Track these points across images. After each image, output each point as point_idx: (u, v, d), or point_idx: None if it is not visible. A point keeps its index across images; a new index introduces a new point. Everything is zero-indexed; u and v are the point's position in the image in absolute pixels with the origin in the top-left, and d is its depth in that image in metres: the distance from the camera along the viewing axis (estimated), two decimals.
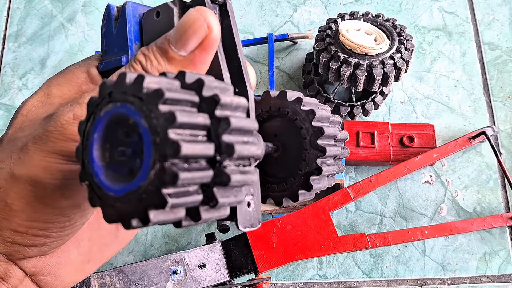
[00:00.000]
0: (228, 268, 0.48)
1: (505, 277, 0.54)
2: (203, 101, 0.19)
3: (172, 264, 0.46)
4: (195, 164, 0.18)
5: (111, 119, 0.18)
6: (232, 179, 0.18)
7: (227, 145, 0.18)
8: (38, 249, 0.25)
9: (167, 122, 0.17)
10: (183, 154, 0.16)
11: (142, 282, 0.44)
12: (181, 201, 0.17)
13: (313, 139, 0.24)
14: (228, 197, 0.19)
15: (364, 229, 0.56)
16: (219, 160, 0.18)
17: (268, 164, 0.26)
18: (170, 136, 0.17)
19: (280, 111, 0.25)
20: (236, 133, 0.19)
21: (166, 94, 0.17)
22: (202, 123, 0.18)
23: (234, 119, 0.18)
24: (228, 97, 0.19)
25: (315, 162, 0.24)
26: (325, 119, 0.25)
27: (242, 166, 0.19)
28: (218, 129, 0.18)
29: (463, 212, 0.56)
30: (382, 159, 0.56)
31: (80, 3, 0.69)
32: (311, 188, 0.24)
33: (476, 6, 0.67)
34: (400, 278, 0.54)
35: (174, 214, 0.18)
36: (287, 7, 0.68)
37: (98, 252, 0.29)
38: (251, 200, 0.23)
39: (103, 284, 0.43)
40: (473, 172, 0.58)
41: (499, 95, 0.62)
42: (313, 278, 0.54)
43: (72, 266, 0.27)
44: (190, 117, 0.17)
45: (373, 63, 0.50)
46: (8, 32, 0.68)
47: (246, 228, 0.22)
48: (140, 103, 0.17)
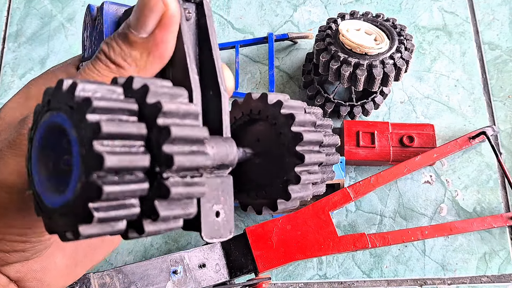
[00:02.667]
0: (228, 268, 0.48)
1: (505, 277, 0.54)
2: (146, 109, 0.17)
3: (172, 264, 0.46)
4: (130, 176, 0.17)
5: (48, 128, 0.18)
6: (172, 191, 0.17)
7: (166, 156, 0.17)
8: (19, 255, 0.24)
9: (92, 133, 0.16)
10: (107, 167, 0.16)
11: (142, 282, 0.44)
12: (111, 215, 0.16)
13: (291, 145, 0.22)
14: (173, 209, 0.18)
15: (364, 229, 0.56)
16: (159, 171, 0.17)
17: (250, 171, 0.24)
18: (94, 147, 0.16)
19: (260, 115, 0.24)
20: (179, 142, 0.17)
21: (94, 103, 0.16)
22: (135, 133, 0.17)
23: (176, 128, 0.17)
24: (173, 105, 0.17)
25: (294, 171, 0.22)
26: (308, 124, 0.23)
27: (190, 177, 0.18)
28: (159, 139, 0.17)
29: (463, 212, 0.56)
30: (382, 159, 0.56)
31: (80, 3, 0.69)
32: (289, 198, 0.22)
33: (476, 6, 0.67)
34: (400, 278, 0.54)
35: (111, 227, 0.17)
36: (287, 7, 0.68)
37: (85, 256, 0.28)
38: (220, 210, 0.21)
39: (103, 284, 0.43)
40: (473, 172, 0.58)
41: (499, 95, 0.62)
42: (313, 278, 0.54)
43: (58, 271, 0.27)
44: (120, 127, 0.16)
45: (373, 63, 0.50)
46: (8, 32, 0.68)
47: (213, 239, 0.21)
48: (71, 112, 0.17)
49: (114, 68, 0.22)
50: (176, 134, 0.17)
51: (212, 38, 0.23)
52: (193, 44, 0.24)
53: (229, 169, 0.22)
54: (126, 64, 0.22)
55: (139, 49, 0.22)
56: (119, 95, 0.17)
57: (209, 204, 0.21)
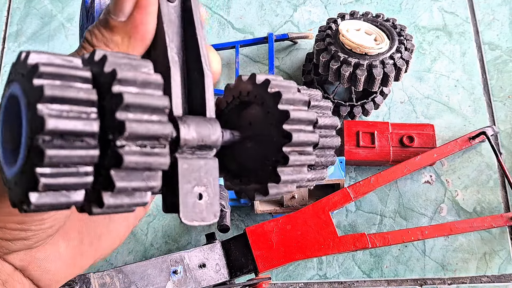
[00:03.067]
0: (228, 268, 0.48)
1: (505, 277, 0.54)
2: (102, 77, 0.17)
3: (172, 264, 0.46)
4: (80, 142, 0.16)
5: (8, 99, 0.18)
6: (126, 160, 0.17)
7: (118, 122, 0.16)
8: (21, 243, 0.24)
9: (36, 96, 0.16)
10: (48, 129, 0.15)
11: (142, 282, 0.44)
12: (60, 182, 0.16)
13: (278, 124, 0.21)
14: (132, 181, 0.17)
15: (364, 229, 0.56)
16: (112, 139, 0.17)
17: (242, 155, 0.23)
18: (38, 110, 0.16)
19: (249, 96, 0.23)
20: (136, 110, 0.17)
21: (40, 68, 0.16)
22: (84, 98, 0.17)
23: (130, 95, 0.17)
24: (130, 73, 0.17)
25: (282, 151, 0.21)
26: (299, 102, 0.22)
27: (150, 147, 0.18)
28: (112, 106, 0.17)
29: (463, 212, 0.56)
30: (382, 159, 0.56)
31: (80, 3, 0.69)
32: (279, 180, 0.21)
33: (476, 6, 0.67)
34: (400, 278, 0.54)
35: (66, 197, 0.17)
36: (287, 7, 0.68)
37: (90, 245, 0.28)
38: (203, 192, 0.21)
39: (103, 284, 0.43)
40: (473, 172, 0.58)
41: (499, 95, 0.62)
42: (313, 278, 0.54)
43: (63, 261, 0.27)
44: (65, 91, 0.16)
45: (373, 63, 0.50)
46: (8, 32, 0.68)
47: (194, 222, 0.20)
48: (23, 80, 0.17)
49: None
50: (130, 101, 0.17)
51: (196, 19, 0.23)
52: (177, 26, 0.23)
53: (212, 150, 0.21)
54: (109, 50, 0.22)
55: (120, 33, 0.22)
56: (75, 64, 0.17)
57: (189, 185, 0.20)
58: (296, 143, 0.21)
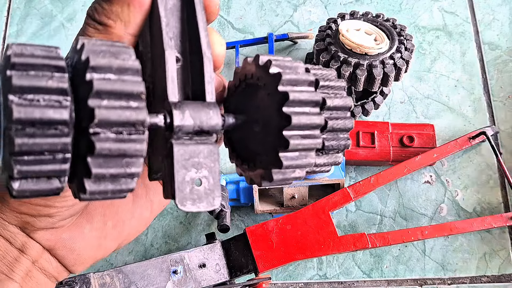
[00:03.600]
0: (228, 268, 0.48)
1: (505, 277, 0.54)
2: (78, 65, 0.17)
3: (172, 264, 0.46)
4: (54, 130, 0.16)
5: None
6: (98, 146, 0.17)
7: (89, 110, 0.16)
8: (46, 220, 0.25)
9: (6, 87, 0.16)
10: (15, 118, 0.16)
11: (142, 282, 0.44)
12: (34, 169, 0.16)
13: (278, 106, 0.20)
14: (110, 168, 0.17)
15: (364, 229, 0.56)
16: (85, 126, 0.17)
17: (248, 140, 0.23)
18: (8, 100, 0.16)
19: (253, 79, 0.22)
20: (108, 97, 0.17)
21: (12, 59, 0.16)
22: (54, 87, 0.17)
23: (100, 81, 0.17)
24: (103, 60, 0.17)
25: (282, 134, 0.20)
26: (303, 83, 0.20)
27: (126, 134, 0.17)
28: (85, 94, 0.17)
29: (463, 212, 0.56)
30: (382, 159, 0.56)
31: (80, 3, 0.69)
32: (281, 165, 0.20)
33: (476, 6, 0.67)
34: (400, 278, 0.54)
35: (48, 185, 0.17)
36: (287, 7, 0.68)
37: (114, 228, 0.29)
38: (202, 178, 0.20)
39: (103, 284, 0.43)
40: (473, 172, 0.58)
41: (499, 95, 0.62)
42: (313, 278, 0.54)
43: (87, 241, 0.28)
44: (33, 81, 0.16)
45: (373, 63, 0.50)
46: (8, 32, 0.68)
47: (191, 208, 0.20)
48: (1, 71, 0.17)
49: (102, 28, 0.22)
50: (101, 88, 0.17)
51: (196, 1, 0.23)
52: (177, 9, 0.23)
53: (212, 135, 0.21)
54: (111, 22, 0.22)
55: (118, 3, 0.22)
56: (54, 54, 0.17)
57: (185, 171, 0.20)
58: (297, 126, 0.20)
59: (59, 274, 0.28)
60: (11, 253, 0.25)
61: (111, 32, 0.22)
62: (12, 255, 0.25)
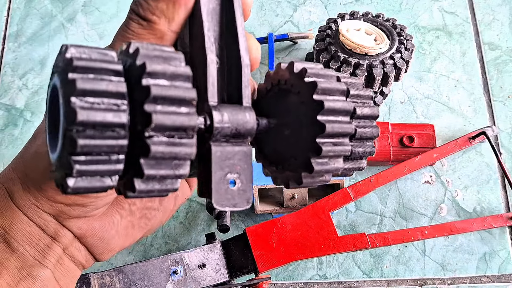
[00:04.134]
0: (228, 268, 0.48)
1: (505, 277, 0.54)
2: (134, 70, 0.18)
3: (172, 264, 0.46)
4: (111, 132, 0.17)
5: (52, 90, 0.19)
6: (153, 149, 0.17)
7: (146, 114, 0.17)
8: (80, 209, 0.26)
9: (70, 89, 0.17)
10: (79, 120, 0.16)
11: (142, 282, 0.44)
12: (92, 169, 0.17)
13: (313, 114, 0.21)
14: (161, 169, 0.18)
15: (364, 229, 0.56)
16: (140, 130, 0.18)
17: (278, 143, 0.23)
18: (71, 103, 0.17)
19: (287, 85, 0.23)
20: (163, 102, 0.18)
21: (74, 62, 0.17)
22: (114, 90, 0.17)
23: (157, 87, 0.17)
24: (159, 66, 0.18)
25: (315, 141, 0.21)
26: (336, 92, 0.22)
27: (177, 138, 0.18)
28: (141, 98, 0.18)
29: (463, 212, 0.56)
30: (382, 159, 0.56)
31: (80, 3, 0.69)
32: (312, 170, 0.21)
33: (476, 6, 0.67)
34: (400, 278, 0.54)
35: (101, 183, 0.18)
36: (287, 7, 0.68)
37: (141, 218, 0.30)
38: (236, 179, 0.21)
39: (103, 284, 0.43)
40: (473, 172, 0.58)
41: (499, 95, 0.62)
42: (313, 278, 0.54)
43: (117, 230, 0.28)
44: (96, 84, 0.17)
45: (373, 63, 0.50)
46: (8, 32, 0.68)
47: (226, 207, 0.21)
48: (60, 72, 0.18)
49: (145, 24, 0.23)
50: (157, 93, 0.17)
51: (236, 5, 0.24)
52: (217, 14, 0.24)
53: (247, 138, 0.22)
54: (156, 18, 0.23)
55: (164, 0, 0.23)
56: (110, 57, 0.18)
57: (222, 172, 0.21)
58: (330, 134, 0.21)
59: (87, 262, 0.28)
60: (43, 240, 0.26)
61: (154, 28, 0.23)
62: (44, 242, 0.26)
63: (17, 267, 0.25)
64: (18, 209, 0.26)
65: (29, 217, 0.26)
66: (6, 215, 0.26)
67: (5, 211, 0.26)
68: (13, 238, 0.25)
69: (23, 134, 0.62)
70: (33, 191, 0.26)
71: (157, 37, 0.23)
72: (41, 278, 0.26)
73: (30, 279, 0.25)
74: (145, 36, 0.23)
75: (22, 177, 0.26)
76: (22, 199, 0.26)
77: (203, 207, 0.57)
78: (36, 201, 0.25)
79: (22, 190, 0.26)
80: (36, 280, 0.26)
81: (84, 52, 0.18)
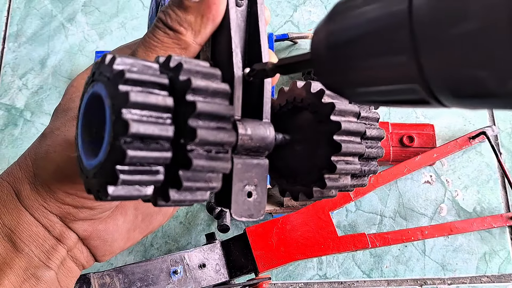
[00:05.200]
0: (228, 268, 0.48)
1: (505, 277, 0.54)
2: (178, 85, 0.19)
3: (172, 264, 0.46)
4: (156, 145, 0.18)
5: (91, 97, 0.20)
6: (194, 163, 0.18)
7: (190, 129, 0.18)
8: (87, 212, 0.26)
9: (122, 101, 0.17)
10: (131, 133, 0.17)
11: (142, 282, 0.44)
12: (136, 179, 0.18)
13: (329, 134, 0.22)
14: (197, 181, 0.19)
15: (364, 229, 0.56)
16: (183, 143, 0.18)
17: (290, 157, 0.25)
18: (123, 114, 0.17)
19: (303, 103, 0.24)
20: (205, 118, 0.18)
21: (126, 75, 0.17)
22: (162, 104, 0.18)
23: (202, 104, 0.18)
24: (202, 82, 0.19)
25: (330, 159, 0.22)
26: (350, 114, 0.23)
27: (215, 152, 0.19)
28: (186, 113, 0.18)
29: (463, 212, 0.56)
30: (382, 159, 0.56)
31: (80, 3, 0.69)
32: (324, 186, 0.23)
33: None
34: (400, 278, 0.54)
35: (138, 191, 0.18)
36: (287, 7, 0.68)
37: (143, 221, 0.30)
38: (253, 191, 0.22)
39: (103, 284, 0.43)
40: (473, 172, 0.58)
41: None
42: (313, 278, 0.54)
43: (120, 233, 0.29)
44: (148, 98, 0.18)
45: None
46: (8, 32, 0.68)
47: (243, 218, 0.22)
48: (108, 83, 0.18)
49: (172, 34, 0.24)
50: (202, 109, 0.18)
51: (261, 24, 0.24)
52: (243, 30, 0.24)
53: (265, 152, 0.23)
54: (183, 29, 0.23)
55: (193, 13, 0.23)
56: (154, 70, 0.19)
57: (241, 184, 0.22)
58: (344, 153, 0.22)
59: (88, 262, 0.29)
60: (49, 241, 0.26)
61: (180, 39, 0.24)
62: (50, 243, 0.26)
63: (22, 267, 0.25)
64: (25, 209, 0.26)
65: (36, 218, 0.26)
66: (13, 215, 0.26)
67: (11, 210, 0.26)
68: (19, 238, 0.26)
69: (23, 134, 0.62)
70: (42, 191, 0.26)
71: (181, 47, 0.24)
72: (45, 280, 0.26)
73: (34, 280, 0.26)
74: (170, 45, 0.24)
75: (30, 177, 0.26)
76: (29, 200, 0.26)
77: (203, 207, 0.57)
78: (44, 202, 0.26)
79: (30, 190, 0.26)
80: (40, 281, 0.26)
81: (132, 65, 0.18)
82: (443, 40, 0.13)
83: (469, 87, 0.14)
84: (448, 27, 0.13)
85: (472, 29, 0.13)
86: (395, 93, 0.16)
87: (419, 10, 0.14)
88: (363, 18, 0.16)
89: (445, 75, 0.14)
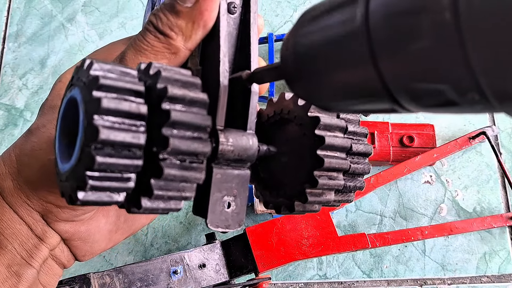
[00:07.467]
0: (228, 268, 0.48)
1: (505, 277, 0.54)
2: (154, 92, 0.19)
3: (172, 264, 0.46)
4: (127, 152, 0.18)
5: (68, 101, 0.20)
6: (165, 172, 0.18)
7: (163, 138, 0.18)
8: (69, 212, 0.26)
9: (94, 107, 0.17)
10: (101, 139, 0.17)
11: (142, 282, 0.44)
12: (105, 185, 0.18)
13: (312, 148, 0.22)
14: (169, 190, 0.19)
15: (364, 229, 0.56)
16: (155, 152, 0.18)
17: (274, 169, 0.24)
18: (94, 120, 0.17)
19: (289, 115, 0.24)
20: (180, 127, 0.18)
21: (101, 80, 0.17)
22: (135, 112, 0.18)
23: (176, 112, 0.18)
24: (179, 91, 0.18)
25: (312, 174, 0.22)
26: (336, 129, 0.23)
27: (188, 162, 0.19)
28: (160, 121, 0.18)
29: (463, 212, 0.56)
30: (382, 159, 0.56)
31: (80, 3, 0.69)
32: (306, 200, 0.22)
33: None
34: (400, 278, 0.54)
35: (109, 198, 0.18)
36: (287, 7, 0.68)
37: (125, 222, 0.30)
38: (232, 201, 0.22)
39: (103, 284, 0.43)
40: (473, 172, 0.58)
41: None
42: (313, 278, 0.54)
43: (101, 234, 0.29)
44: (120, 105, 0.17)
45: None
46: (8, 32, 0.68)
47: (219, 228, 0.22)
48: (83, 88, 0.18)
49: (162, 38, 0.23)
50: (176, 118, 0.18)
51: (252, 33, 0.24)
52: (234, 38, 0.24)
53: (247, 163, 0.22)
54: (173, 34, 0.23)
55: (185, 18, 0.23)
56: (131, 77, 0.19)
57: (220, 194, 0.21)
58: (327, 169, 0.22)
59: (68, 262, 0.29)
60: (31, 240, 0.26)
61: (170, 44, 0.23)
62: (32, 242, 0.26)
63: (4, 264, 0.25)
64: (9, 206, 0.25)
65: (19, 215, 0.26)
66: None
67: None
68: (2, 235, 0.25)
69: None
70: (25, 188, 0.25)
71: (171, 52, 0.24)
72: (27, 278, 0.26)
73: (16, 278, 0.25)
74: (160, 50, 0.23)
75: (14, 173, 0.26)
76: (12, 196, 0.25)
77: None
78: (27, 199, 0.25)
79: (13, 186, 0.26)
80: (22, 279, 0.26)
81: (109, 70, 0.18)
82: (399, 55, 0.13)
83: (431, 99, 0.14)
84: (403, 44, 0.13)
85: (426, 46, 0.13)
86: (361, 103, 0.16)
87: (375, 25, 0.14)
88: (323, 33, 0.16)
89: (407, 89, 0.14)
